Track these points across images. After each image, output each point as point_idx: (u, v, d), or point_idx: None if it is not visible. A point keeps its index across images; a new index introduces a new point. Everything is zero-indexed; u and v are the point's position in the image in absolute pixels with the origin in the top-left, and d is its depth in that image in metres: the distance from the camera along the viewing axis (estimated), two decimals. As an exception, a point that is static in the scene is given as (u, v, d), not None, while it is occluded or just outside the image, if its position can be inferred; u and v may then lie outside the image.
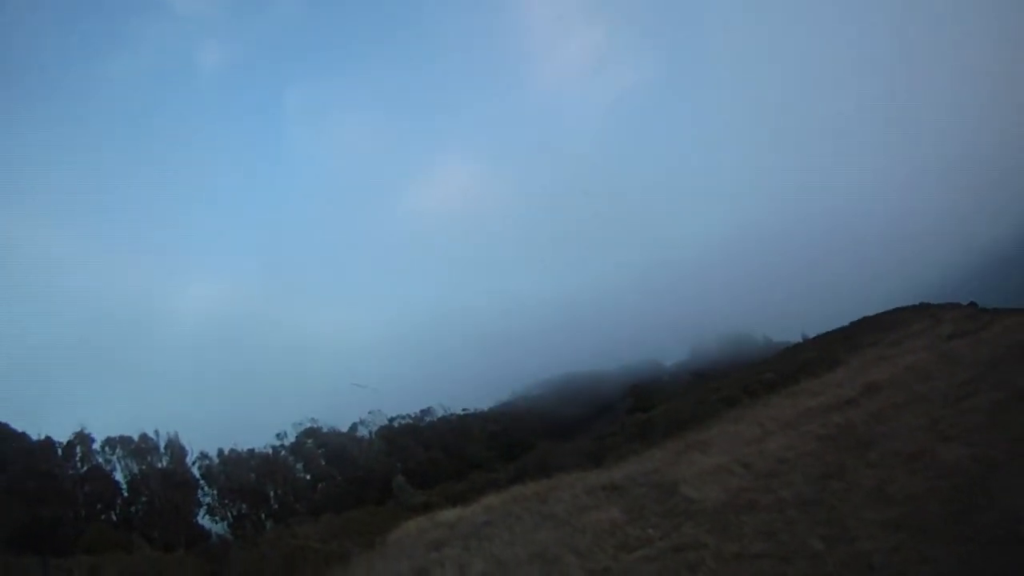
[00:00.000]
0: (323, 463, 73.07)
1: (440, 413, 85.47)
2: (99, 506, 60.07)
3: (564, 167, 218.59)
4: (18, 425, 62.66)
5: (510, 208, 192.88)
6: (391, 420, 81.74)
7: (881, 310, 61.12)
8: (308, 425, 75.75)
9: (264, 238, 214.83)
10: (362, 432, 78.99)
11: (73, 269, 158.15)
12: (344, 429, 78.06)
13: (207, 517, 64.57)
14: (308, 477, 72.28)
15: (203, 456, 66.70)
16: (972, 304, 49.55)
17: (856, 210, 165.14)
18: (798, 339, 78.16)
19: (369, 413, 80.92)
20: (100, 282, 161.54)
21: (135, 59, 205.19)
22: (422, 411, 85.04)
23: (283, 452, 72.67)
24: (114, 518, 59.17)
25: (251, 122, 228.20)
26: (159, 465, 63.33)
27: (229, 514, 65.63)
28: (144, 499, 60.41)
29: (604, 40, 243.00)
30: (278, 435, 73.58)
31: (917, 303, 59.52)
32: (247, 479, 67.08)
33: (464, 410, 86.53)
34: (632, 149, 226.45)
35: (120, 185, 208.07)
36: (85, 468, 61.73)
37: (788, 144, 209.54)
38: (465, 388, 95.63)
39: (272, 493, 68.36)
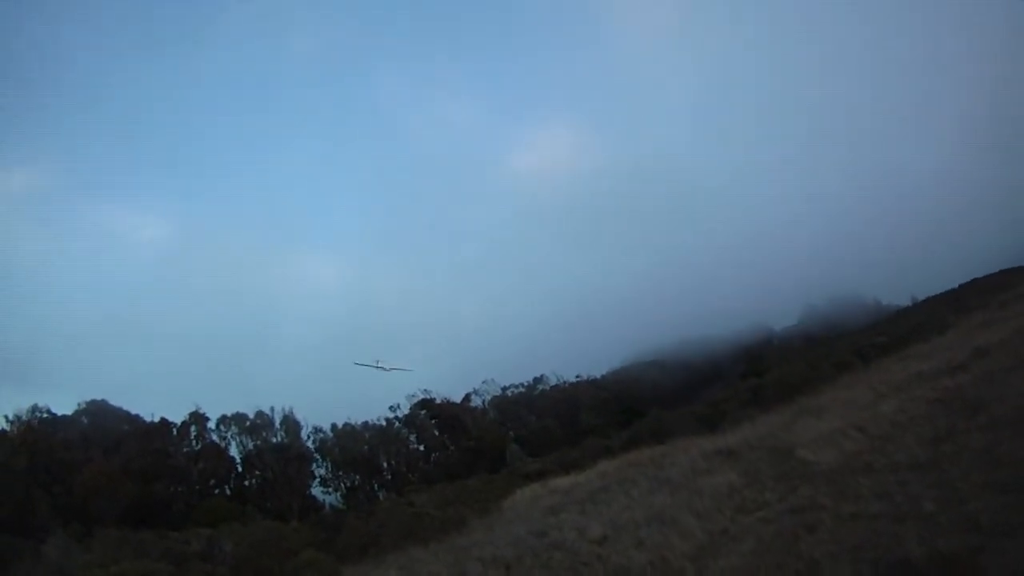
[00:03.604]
0: (436, 433, 74.64)
1: (552, 381, 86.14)
2: (212, 481, 63.56)
3: (665, 133, 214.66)
4: (135, 409, 66.91)
5: (619, 176, 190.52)
6: (504, 389, 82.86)
7: (988, 271, 59.88)
8: (421, 396, 77.37)
9: (372, 216, 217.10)
10: (475, 402, 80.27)
11: (184, 253, 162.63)
12: (457, 399, 79.36)
13: (320, 488, 67.23)
14: (421, 447, 74.08)
15: (317, 430, 69.38)
16: (1079, 268, 48.79)
17: (964, 168, 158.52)
18: (907, 302, 77.16)
19: (483, 383, 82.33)
20: (213, 266, 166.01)
21: (230, 47, 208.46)
22: (534, 379, 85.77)
23: (396, 424, 74.63)
24: (228, 492, 62.51)
25: (346, 102, 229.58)
26: (274, 440, 66.05)
27: (342, 485, 68.08)
28: (258, 473, 63.41)
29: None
30: (391, 407, 75.62)
31: (1023, 265, 58.33)
32: (360, 451, 69.34)
33: (577, 377, 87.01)
34: (731, 111, 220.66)
35: (224, 169, 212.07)
36: (199, 446, 65.14)
37: (894, 101, 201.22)
38: (577, 356, 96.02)
39: (385, 464, 70.56)
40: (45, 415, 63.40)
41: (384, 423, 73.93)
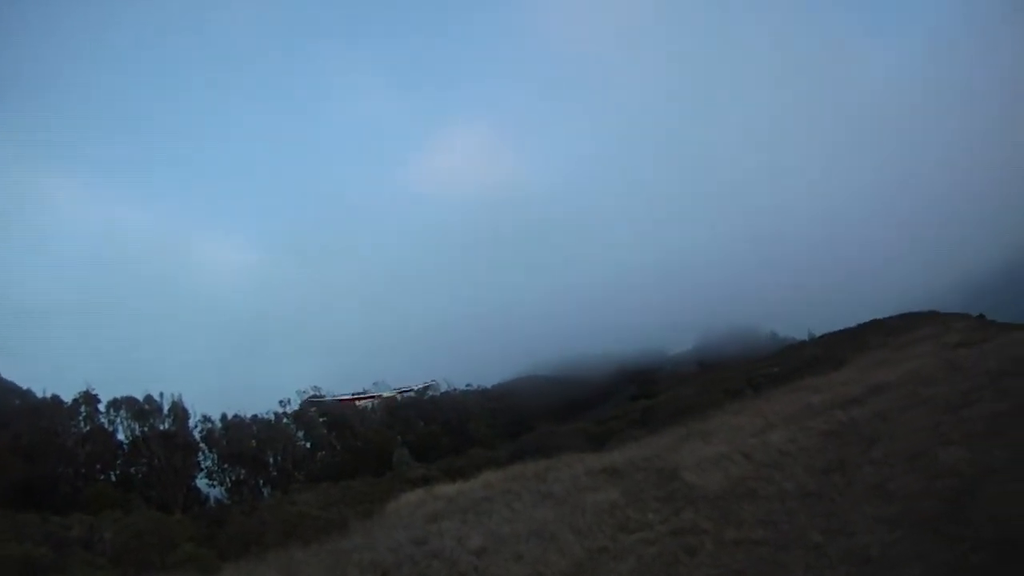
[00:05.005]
0: (324, 432, 73.13)
1: (443, 388, 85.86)
2: (99, 466, 60.55)
3: (577, 154, 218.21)
4: (26, 383, 63.78)
5: (523, 189, 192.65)
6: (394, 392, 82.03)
7: (890, 314, 61.46)
8: (312, 393, 75.89)
9: (274, 207, 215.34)
10: (364, 402, 79.13)
11: (85, 231, 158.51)
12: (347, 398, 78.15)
13: (205, 481, 64.98)
14: (308, 445, 72.16)
15: (205, 420, 66.65)
16: (980, 316, 50.45)
17: (876, 214, 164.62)
18: (804, 337, 78.50)
19: (373, 384, 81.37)
20: (112, 246, 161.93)
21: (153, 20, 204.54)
22: (425, 384, 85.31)
23: (285, 419, 72.65)
24: (113, 478, 59.77)
25: (261, 86, 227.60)
26: (161, 427, 63.61)
27: (227, 479, 65.73)
28: (144, 460, 60.81)
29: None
30: (281, 402, 73.19)
31: (927, 310, 59.92)
32: (248, 445, 67.04)
33: (467, 386, 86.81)
34: (648, 137, 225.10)
35: (131, 148, 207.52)
36: (88, 428, 62.16)
37: (804, 141, 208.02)
38: (468, 364, 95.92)
39: (272, 460, 68.48)
40: (-67, 384, 60.37)
41: (273, 417, 71.95)
